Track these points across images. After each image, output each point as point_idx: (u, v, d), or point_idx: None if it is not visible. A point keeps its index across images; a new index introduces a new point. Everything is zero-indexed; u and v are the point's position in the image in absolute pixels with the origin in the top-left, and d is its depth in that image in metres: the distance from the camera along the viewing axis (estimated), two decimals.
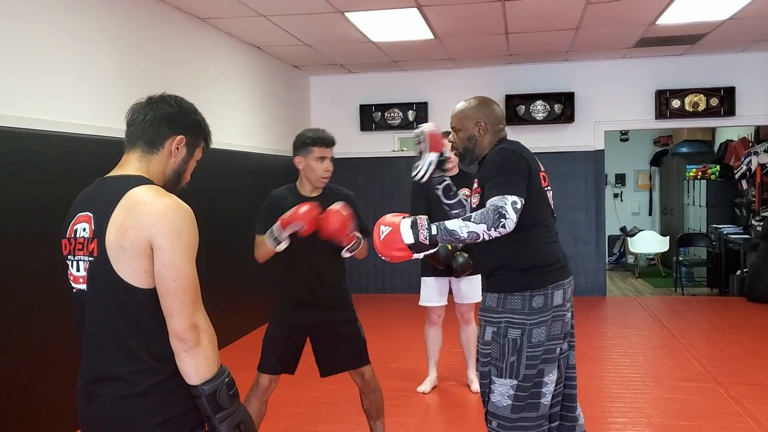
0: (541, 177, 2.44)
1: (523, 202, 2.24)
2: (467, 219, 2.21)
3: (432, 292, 4.28)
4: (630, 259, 11.00)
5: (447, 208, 2.77)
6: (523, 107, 7.56)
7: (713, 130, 10.14)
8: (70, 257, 1.64)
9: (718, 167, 9.17)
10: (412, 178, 2.71)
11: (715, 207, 8.96)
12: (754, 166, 8.06)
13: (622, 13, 5.58)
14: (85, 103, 3.95)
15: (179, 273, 1.52)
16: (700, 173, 9.43)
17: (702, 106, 7.42)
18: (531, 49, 6.90)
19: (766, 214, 7.76)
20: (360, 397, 3.16)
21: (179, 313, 1.52)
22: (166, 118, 1.69)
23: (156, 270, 1.52)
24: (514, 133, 2.85)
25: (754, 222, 7.95)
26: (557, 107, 7.57)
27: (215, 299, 2.23)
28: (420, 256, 2.26)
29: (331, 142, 3.00)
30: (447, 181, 2.74)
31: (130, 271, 1.53)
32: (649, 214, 11.84)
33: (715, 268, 8.59)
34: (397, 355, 5.25)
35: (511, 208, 2.19)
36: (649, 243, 10.30)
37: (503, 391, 2.33)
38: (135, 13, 4.49)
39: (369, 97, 8.02)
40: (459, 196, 2.77)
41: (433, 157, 2.63)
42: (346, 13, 5.31)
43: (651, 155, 11.60)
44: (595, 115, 7.67)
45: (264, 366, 3.02)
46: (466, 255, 3.99)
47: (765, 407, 3.93)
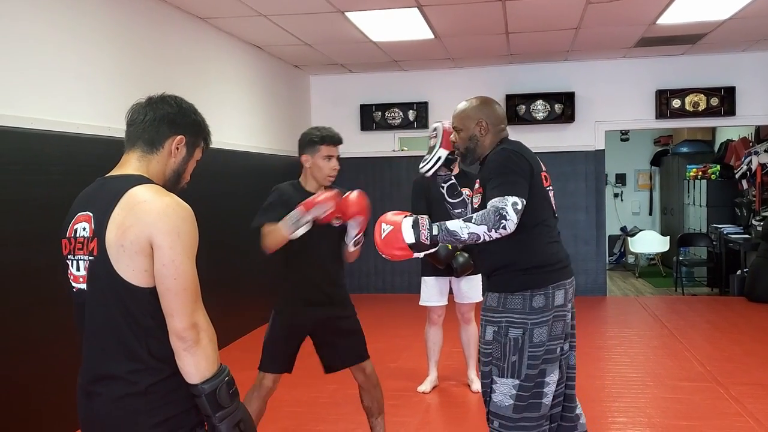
0: (543, 177, 2.44)
1: (524, 203, 2.24)
2: (468, 220, 2.21)
3: (432, 291, 4.28)
4: (630, 259, 11.00)
5: (450, 206, 2.77)
6: (523, 107, 7.56)
7: (713, 130, 10.14)
8: (70, 257, 1.64)
9: (719, 167, 9.16)
10: (419, 169, 2.72)
11: (716, 207, 8.95)
12: (754, 166, 8.05)
13: (623, 13, 5.58)
14: (85, 103, 3.95)
15: (179, 272, 1.52)
16: (700, 173, 9.42)
17: (702, 106, 7.42)
18: (531, 48, 6.90)
19: (766, 213, 7.76)
20: (360, 395, 3.16)
21: (179, 312, 1.52)
22: (166, 119, 1.69)
23: (156, 269, 1.53)
24: (514, 133, 2.86)
25: (754, 222, 7.95)
26: (557, 107, 7.57)
27: (215, 299, 2.24)
28: (420, 255, 2.28)
29: (338, 140, 3.02)
30: (453, 180, 2.76)
31: (130, 269, 1.53)
32: (650, 213, 11.84)
33: (715, 268, 8.59)
34: (397, 355, 5.25)
35: (511, 209, 2.19)
36: (650, 243, 10.29)
37: (505, 390, 2.33)
38: (135, 12, 4.50)
39: (369, 97, 8.02)
40: (463, 196, 2.77)
41: (443, 153, 2.64)
42: (347, 13, 5.31)
43: (651, 155, 11.59)
44: (595, 115, 7.67)
45: (269, 366, 3.00)
46: (467, 255, 3.99)
47: (765, 407, 3.93)
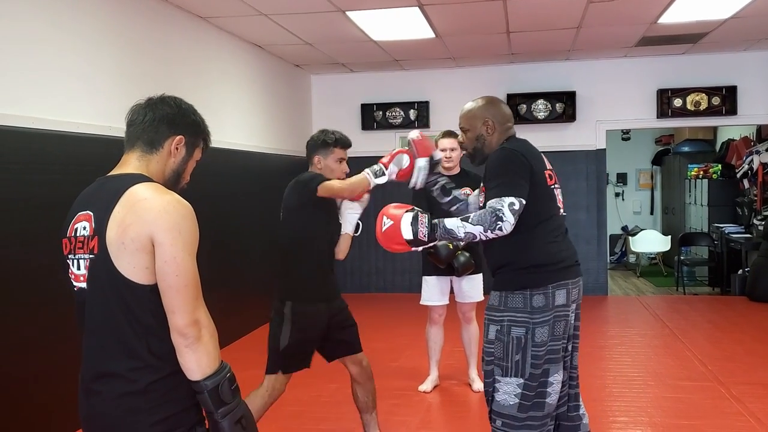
0: (546, 175, 2.42)
1: (522, 203, 2.24)
2: (465, 219, 2.24)
3: (433, 291, 4.27)
4: (631, 259, 11.00)
5: (445, 207, 2.79)
6: (524, 106, 7.55)
7: (715, 130, 10.13)
8: (70, 256, 1.64)
9: (720, 166, 9.15)
10: (409, 187, 2.80)
11: (717, 206, 8.94)
12: (755, 166, 8.05)
13: (624, 12, 5.57)
14: (86, 103, 3.95)
15: (180, 269, 1.53)
16: (701, 172, 9.41)
17: (704, 106, 7.41)
18: (532, 48, 6.89)
19: (767, 213, 7.75)
20: (353, 391, 3.17)
21: (181, 309, 1.53)
22: (166, 119, 1.70)
23: (157, 266, 1.53)
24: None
25: (755, 221, 7.94)
26: (559, 106, 7.56)
27: (216, 299, 2.24)
28: (419, 249, 2.34)
29: (350, 144, 3.09)
30: (441, 181, 2.78)
31: (131, 267, 1.53)
32: (651, 213, 11.83)
33: (716, 268, 8.58)
34: (398, 354, 5.25)
35: (508, 210, 2.20)
36: (651, 242, 10.28)
37: (509, 390, 2.33)
38: (136, 12, 4.50)
39: (370, 97, 8.02)
40: (454, 193, 2.79)
41: (423, 162, 2.70)
42: (348, 12, 5.30)
43: (652, 154, 11.59)
44: (596, 114, 7.66)
45: (291, 367, 2.97)
46: (468, 254, 3.99)
47: (766, 406, 3.92)
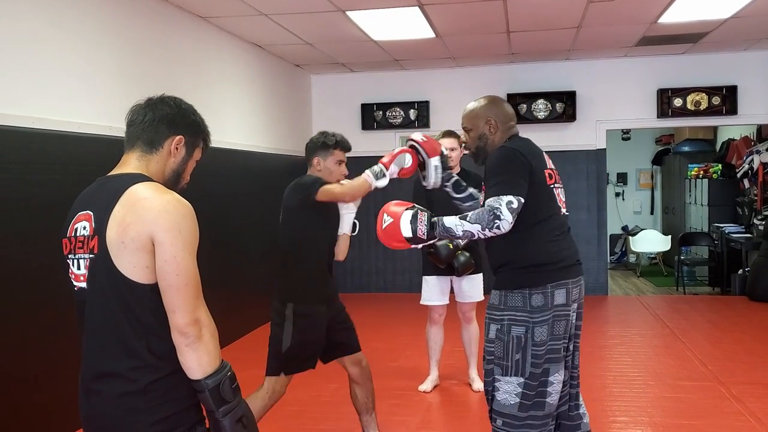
0: (546, 174, 2.42)
1: (521, 201, 2.25)
2: (464, 218, 2.25)
3: (433, 291, 4.27)
4: (632, 258, 11.00)
5: (458, 202, 2.81)
6: (524, 106, 7.55)
7: (715, 129, 10.13)
8: (70, 256, 1.65)
9: (720, 166, 9.15)
10: (425, 187, 2.80)
11: (717, 206, 8.94)
12: (756, 165, 8.05)
13: (624, 12, 5.57)
14: (86, 103, 3.95)
15: (181, 268, 1.53)
16: (701, 172, 9.41)
17: (704, 105, 7.41)
18: (532, 47, 6.89)
19: (767, 213, 7.75)
20: (352, 392, 3.17)
21: (181, 308, 1.53)
22: (165, 119, 1.70)
23: (158, 265, 1.53)
24: None
25: (756, 221, 7.94)
26: (559, 106, 7.56)
27: (216, 298, 2.24)
28: (419, 246, 2.37)
29: (350, 147, 3.11)
30: (455, 177, 2.79)
31: (131, 266, 1.54)
32: (651, 213, 11.83)
33: (716, 267, 8.58)
34: (398, 354, 5.26)
35: (506, 208, 2.20)
36: (651, 242, 10.28)
37: (510, 389, 2.33)
38: (136, 12, 4.50)
39: (370, 96, 8.02)
40: (469, 190, 2.80)
41: (437, 162, 2.70)
42: (348, 12, 5.30)
43: (653, 154, 11.58)
44: (596, 114, 7.66)
45: (289, 369, 2.97)
46: (468, 254, 3.99)
47: (766, 406, 3.92)
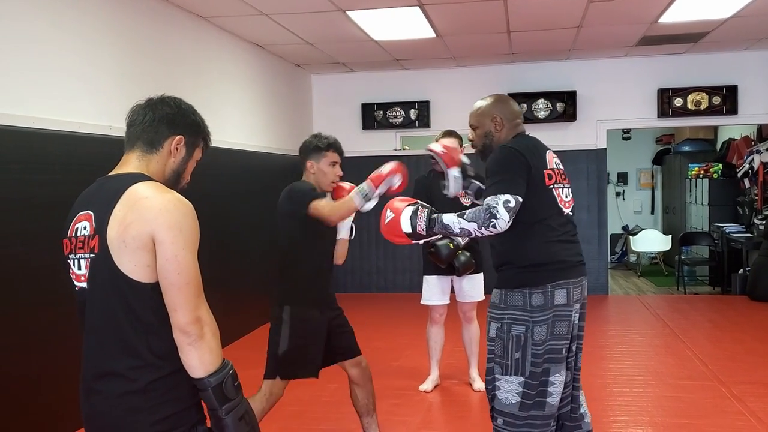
0: (546, 175, 2.41)
1: (519, 200, 2.25)
2: (462, 215, 2.27)
3: (434, 290, 4.28)
4: (632, 258, 11.00)
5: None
6: (525, 106, 7.54)
7: (715, 129, 10.13)
8: (71, 256, 1.65)
9: (721, 166, 9.15)
10: (448, 195, 2.83)
11: (718, 206, 8.94)
12: (756, 165, 8.05)
13: (624, 12, 5.57)
14: (86, 102, 3.96)
15: (182, 266, 1.53)
16: (702, 172, 9.41)
17: (704, 105, 7.41)
18: (533, 47, 6.89)
19: None
20: (352, 394, 3.17)
21: (183, 307, 1.53)
22: (165, 119, 1.70)
23: (159, 264, 1.53)
24: None
25: (756, 221, 7.94)
26: (559, 106, 7.56)
27: (216, 298, 2.24)
28: (420, 242, 2.41)
29: (342, 150, 3.11)
30: (479, 185, 2.80)
31: (132, 265, 1.54)
32: (652, 212, 11.82)
33: (717, 267, 8.58)
34: (399, 354, 5.26)
35: (503, 207, 2.21)
36: (652, 242, 10.28)
37: (510, 388, 2.33)
38: (137, 12, 4.50)
39: (371, 96, 8.02)
40: None
41: (456, 172, 2.73)
42: (348, 12, 5.30)
43: (653, 154, 11.58)
44: (597, 114, 7.66)
45: (287, 373, 2.96)
46: (468, 254, 3.99)
47: (767, 406, 3.92)
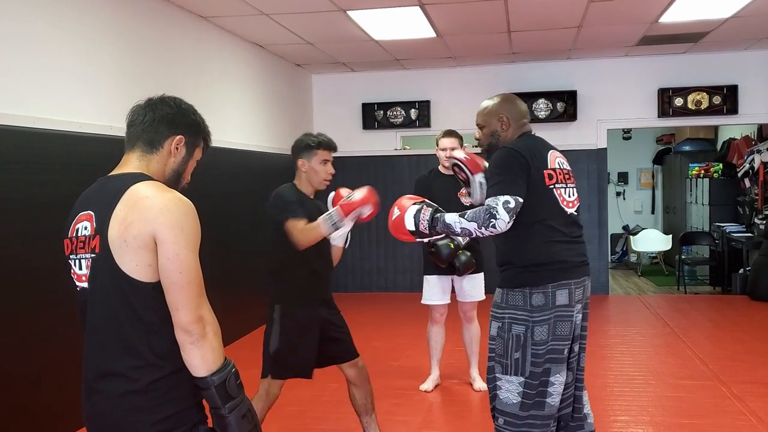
0: (546, 175, 2.42)
1: (519, 201, 2.26)
2: (462, 215, 2.28)
3: (435, 290, 4.27)
4: (632, 258, 11.00)
5: None
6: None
7: (716, 129, 10.13)
8: (72, 256, 1.65)
9: (721, 165, 9.15)
10: (473, 202, 2.80)
11: (718, 205, 8.94)
12: (757, 165, 8.04)
13: (625, 11, 5.57)
14: (87, 102, 3.96)
15: (184, 265, 1.53)
16: (702, 171, 9.41)
17: (705, 105, 7.41)
18: (533, 47, 6.89)
19: None
20: (351, 394, 3.17)
21: (185, 306, 1.53)
22: (165, 119, 1.70)
23: (161, 263, 1.54)
24: None
25: (756, 220, 7.93)
26: (560, 105, 7.56)
27: (217, 298, 2.23)
28: (424, 240, 2.45)
29: (334, 147, 3.09)
30: None
31: (134, 264, 1.54)
32: (652, 212, 11.82)
33: (717, 267, 8.58)
34: (399, 354, 5.26)
35: (502, 208, 2.22)
36: (652, 241, 10.28)
37: (511, 388, 2.34)
38: (137, 11, 4.50)
39: (371, 96, 8.02)
40: None
41: (480, 178, 2.71)
42: (349, 12, 5.31)
43: (653, 153, 11.58)
44: (597, 114, 7.65)
45: (279, 372, 2.97)
46: (469, 253, 3.99)
47: (767, 405, 3.92)
